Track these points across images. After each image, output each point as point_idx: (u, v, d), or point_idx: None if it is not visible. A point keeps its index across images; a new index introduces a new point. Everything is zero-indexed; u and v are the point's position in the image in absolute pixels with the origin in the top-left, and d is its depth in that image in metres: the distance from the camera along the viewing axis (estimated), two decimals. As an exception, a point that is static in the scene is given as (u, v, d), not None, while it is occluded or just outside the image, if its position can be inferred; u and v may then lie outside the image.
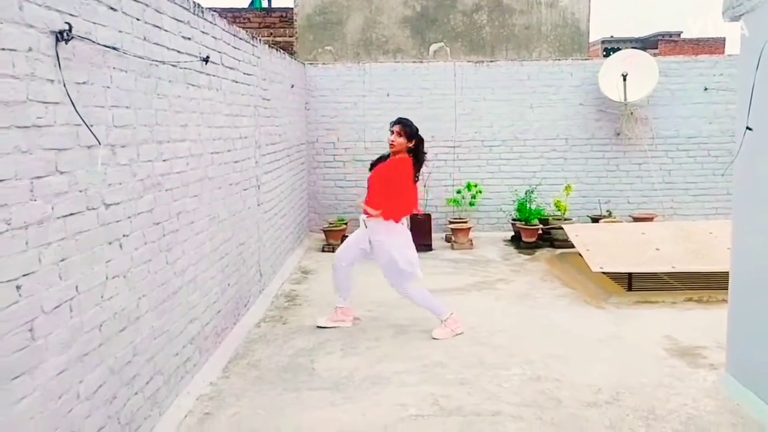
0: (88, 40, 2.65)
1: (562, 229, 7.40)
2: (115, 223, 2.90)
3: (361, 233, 4.97)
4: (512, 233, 8.47)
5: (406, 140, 4.79)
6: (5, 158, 2.12)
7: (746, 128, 3.52)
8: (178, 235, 3.66)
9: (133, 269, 3.08)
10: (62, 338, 2.45)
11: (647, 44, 34.56)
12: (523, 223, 8.07)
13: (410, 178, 4.81)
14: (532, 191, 8.37)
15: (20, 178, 2.20)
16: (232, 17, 10.73)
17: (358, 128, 8.80)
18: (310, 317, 5.25)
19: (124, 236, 2.98)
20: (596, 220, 8.33)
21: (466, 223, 8.26)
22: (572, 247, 6.59)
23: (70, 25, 2.47)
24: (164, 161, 3.47)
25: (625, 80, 8.27)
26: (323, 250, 7.90)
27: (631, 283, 5.91)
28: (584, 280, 6.26)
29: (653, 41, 36.42)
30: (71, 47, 2.51)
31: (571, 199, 8.42)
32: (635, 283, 5.92)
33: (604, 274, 6.13)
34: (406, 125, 4.81)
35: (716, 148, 8.74)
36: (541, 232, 8.04)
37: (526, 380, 3.97)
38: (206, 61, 4.16)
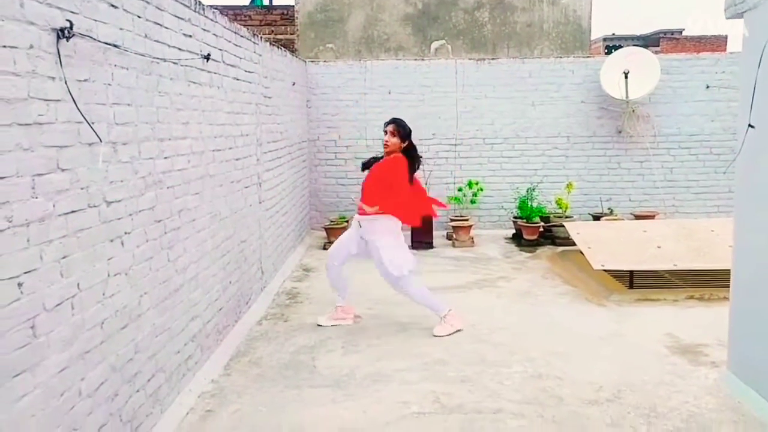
0: (89, 37, 2.65)
1: (563, 226, 7.40)
2: (116, 220, 2.90)
3: (353, 232, 4.98)
4: (513, 231, 8.47)
5: (399, 140, 4.81)
6: (7, 155, 2.13)
7: (748, 126, 3.52)
8: (179, 232, 3.67)
9: (134, 267, 3.08)
10: (64, 336, 2.45)
11: (649, 42, 34.47)
12: (524, 220, 8.07)
13: (406, 177, 4.81)
14: (533, 189, 8.36)
15: (22, 175, 2.20)
16: (233, 15, 10.72)
17: (359, 126, 8.80)
18: (311, 315, 5.25)
19: (125, 234, 2.99)
20: (598, 217, 8.32)
21: (467, 220, 8.26)
22: (573, 244, 6.59)
23: (71, 22, 2.47)
24: (165, 159, 3.47)
25: (626, 78, 8.26)
26: (324, 247, 7.89)
27: (632, 280, 5.91)
28: (585, 277, 6.25)
29: (655, 39, 36.33)
30: (72, 44, 2.51)
31: (572, 196, 8.41)
32: (636, 280, 5.92)
33: (605, 271, 6.13)
34: (400, 125, 4.83)
35: (718, 145, 8.73)
36: (542, 229, 8.04)
37: (527, 378, 3.97)
38: (207, 58, 4.16)
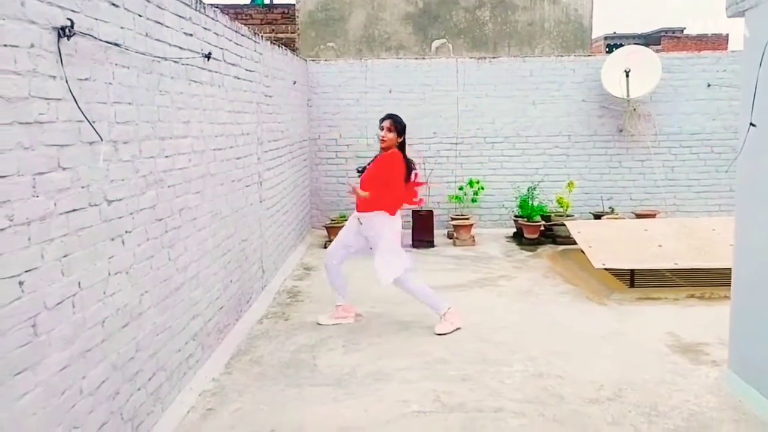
0: (90, 36, 2.65)
1: (564, 225, 7.40)
2: (117, 219, 2.90)
3: (351, 228, 4.98)
4: (514, 230, 8.46)
5: (396, 136, 4.82)
6: (7, 154, 2.13)
7: (750, 125, 3.51)
8: (180, 231, 3.67)
9: (135, 265, 3.08)
10: (65, 334, 2.45)
11: (650, 40, 34.46)
12: (525, 219, 8.06)
13: (402, 173, 4.81)
14: (534, 188, 8.36)
15: (22, 174, 2.21)
16: (233, 14, 10.71)
17: (360, 125, 8.79)
18: (312, 314, 5.25)
19: (126, 232, 2.99)
20: (599, 216, 8.32)
21: (468, 219, 8.26)
22: (574, 243, 6.58)
23: (72, 21, 2.47)
24: (166, 158, 3.47)
25: (627, 76, 8.25)
26: (325, 246, 7.86)
27: (633, 279, 5.91)
28: (586, 276, 6.25)
29: (656, 37, 36.32)
30: (73, 43, 2.51)
31: (573, 195, 8.41)
32: (637, 279, 5.92)
33: (606, 270, 6.13)
34: (396, 121, 4.85)
35: (719, 144, 8.72)
36: (543, 228, 8.04)
37: (528, 377, 3.98)
38: (208, 57, 4.17)
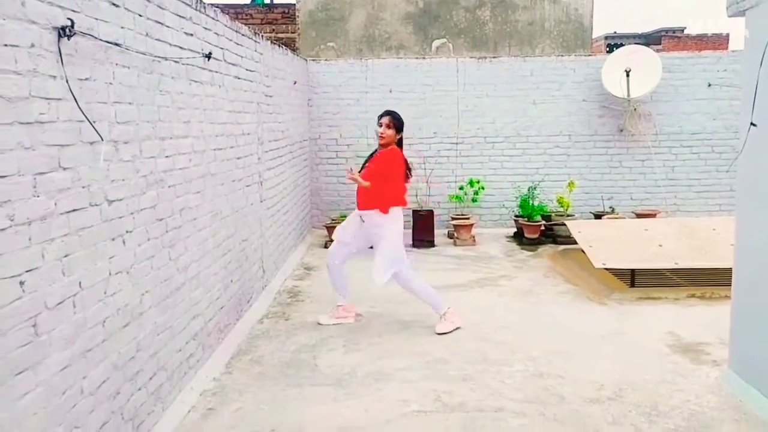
0: (90, 36, 2.65)
1: (564, 225, 7.40)
2: (118, 219, 2.90)
3: (352, 228, 4.97)
4: (515, 230, 8.46)
5: (395, 132, 4.82)
6: (8, 154, 2.13)
7: (750, 124, 3.51)
8: (180, 231, 3.67)
9: (136, 265, 3.08)
10: (66, 334, 2.46)
11: (650, 40, 34.44)
12: (525, 219, 8.06)
13: (403, 171, 4.82)
14: (534, 188, 8.35)
15: (23, 174, 2.21)
16: (234, 13, 10.72)
17: (360, 125, 8.79)
18: (312, 313, 5.25)
19: (127, 232, 2.99)
20: (599, 216, 8.32)
21: (468, 219, 8.25)
22: (575, 243, 6.58)
23: (72, 21, 2.47)
24: (167, 157, 3.47)
25: (628, 76, 8.25)
26: (326, 246, 7.88)
27: (633, 279, 5.90)
28: (587, 276, 6.25)
29: (656, 37, 36.30)
30: (74, 43, 2.51)
31: (573, 195, 8.40)
32: (638, 279, 5.92)
33: (606, 270, 6.13)
34: (395, 117, 4.84)
35: (720, 144, 8.72)
36: (543, 228, 8.03)
37: (528, 376, 3.98)
38: (209, 57, 4.17)
